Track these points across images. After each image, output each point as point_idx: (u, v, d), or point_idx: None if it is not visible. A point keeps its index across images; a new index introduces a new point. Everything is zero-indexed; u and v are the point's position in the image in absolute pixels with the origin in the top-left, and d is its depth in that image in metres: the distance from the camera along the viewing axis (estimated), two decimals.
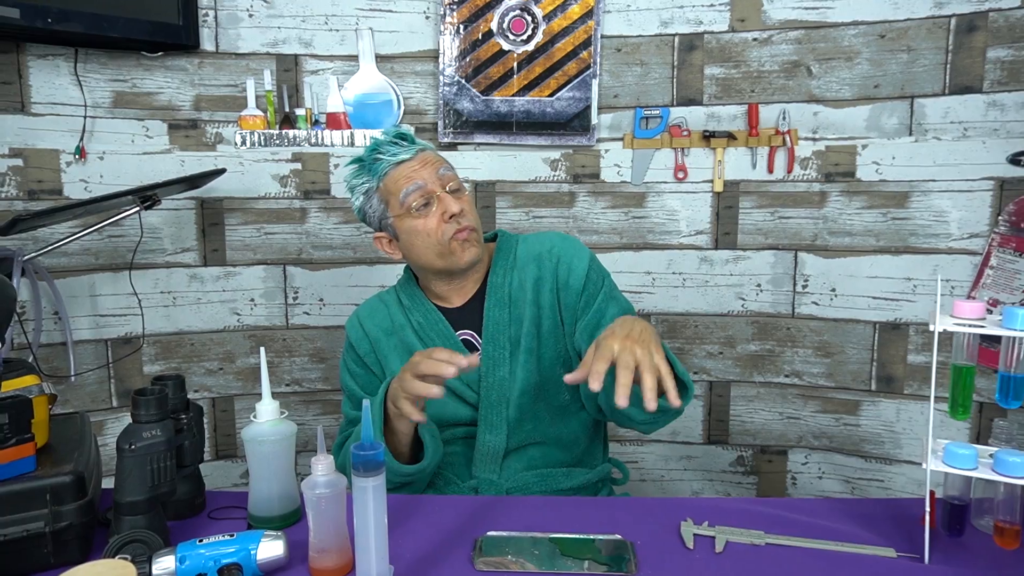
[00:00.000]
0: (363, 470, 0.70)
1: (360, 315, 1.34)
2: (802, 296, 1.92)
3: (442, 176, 1.22)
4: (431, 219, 1.20)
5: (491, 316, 1.24)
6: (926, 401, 1.83)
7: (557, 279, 1.26)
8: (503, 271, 1.27)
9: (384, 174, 1.23)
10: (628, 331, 0.97)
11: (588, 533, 0.91)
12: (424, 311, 1.28)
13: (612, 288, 1.29)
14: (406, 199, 1.20)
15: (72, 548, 0.83)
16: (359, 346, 1.30)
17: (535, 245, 1.30)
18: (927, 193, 1.79)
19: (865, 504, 0.98)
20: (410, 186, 1.20)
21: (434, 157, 1.24)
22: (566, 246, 1.29)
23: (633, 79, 1.93)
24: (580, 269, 1.25)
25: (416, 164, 1.22)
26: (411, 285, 1.33)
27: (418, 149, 1.23)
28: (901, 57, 1.78)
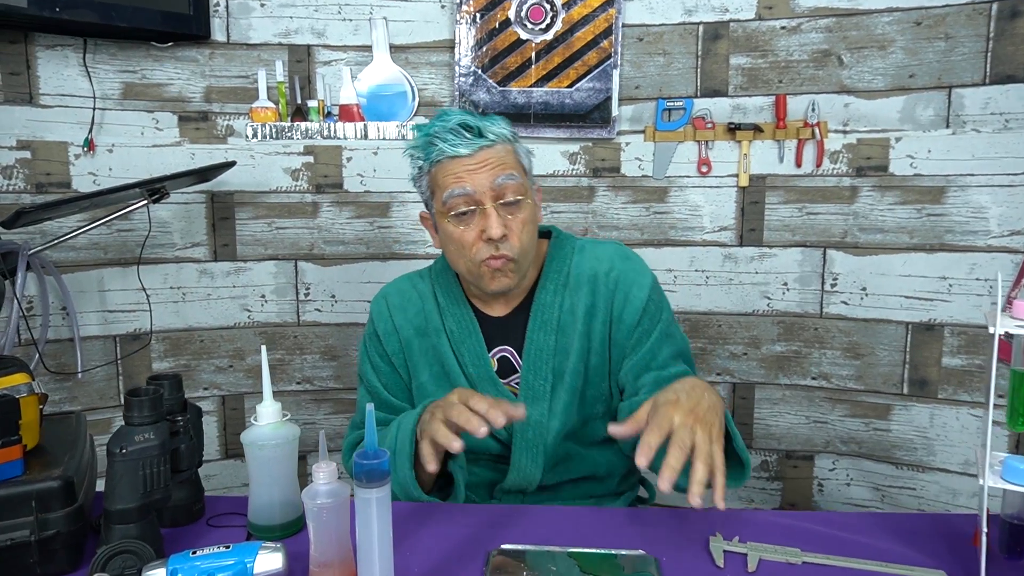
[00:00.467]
0: (366, 480, 0.65)
1: (390, 303, 1.20)
2: (831, 295, 1.84)
3: (498, 186, 1.04)
4: (468, 232, 1.06)
5: (534, 340, 1.11)
6: (962, 406, 1.75)
7: (612, 310, 1.12)
8: (553, 289, 1.13)
9: (436, 162, 1.07)
10: (694, 404, 0.85)
11: (610, 548, 0.85)
12: (459, 318, 1.15)
13: (669, 324, 1.15)
14: (448, 201, 1.05)
15: (60, 558, 0.78)
16: (387, 341, 1.18)
17: (592, 262, 1.15)
18: (965, 188, 1.70)
19: (910, 520, 0.91)
20: (456, 189, 1.04)
21: (498, 158, 1.05)
22: (626, 269, 1.14)
23: (655, 69, 1.86)
24: (638, 300, 1.11)
25: (472, 164, 1.05)
26: (449, 278, 1.18)
27: (482, 145, 1.05)
28: (938, 45, 1.69)
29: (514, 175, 1.06)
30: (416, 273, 1.25)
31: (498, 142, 1.07)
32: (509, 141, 1.09)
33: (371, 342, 1.21)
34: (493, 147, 1.06)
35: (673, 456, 0.79)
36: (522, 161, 1.11)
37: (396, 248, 1.93)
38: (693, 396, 0.88)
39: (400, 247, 1.93)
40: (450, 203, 1.06)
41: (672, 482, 0.77)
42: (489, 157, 1.06)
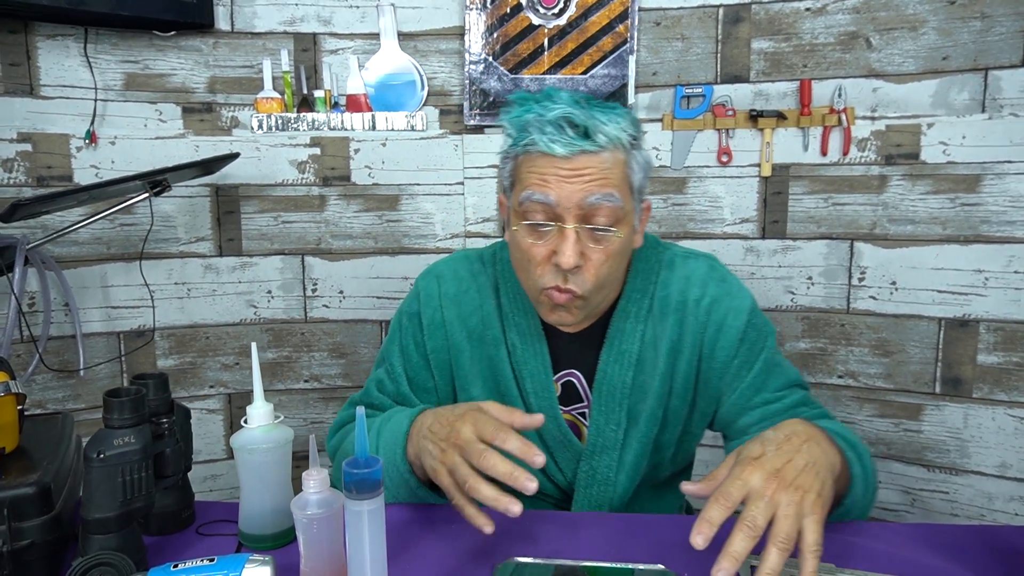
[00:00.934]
0: (357, 492, 0.59)
1: (443, 290, 1.02)
2: (858, 290, 1.76)
3: (589, 205, 0.86)
4: (538, 248, 0.89)
5: (608, 375, 0.96)
6: (998, 406, 1.66)
7: (703, 345, 0.96)
8: (635, 315, 0.97)
9: (524, 150, 0.89)
10: (783, 463, 0.67)
11: (627, 562, 0.78)
12: (524, 331, 0.98)
13: (773, 353, 0.98)
14: (525, 203, 0.88)
15: (36, 569, 0.73)
16: (430, 333, 1.01)
17: (681, 283, 0.98)
18: (1002, 176, 1.61)
19: (954, 532, 0.84)
20: (536, 194, 0.87)
21: (600, 170, 0.86)
22: (720, 294, 0.97)
23: (673, 55, 1.78)
24: (734, 330, 0.95)
25: (566, 169, 0.86)
26: (517, 281, 0.99)
27: (584, 149, 0.85)
28: (973, 25, 1.60)
29: (613, 196, 0.86)
30: (477, 255, 1.05)
31: (607, 148, 0.87)
32: (623, 148, 0.88)
33: (410, 323, 1.04)
34: (599, 154, 0.86)
35: (737, 540, 0.63)
36: (632, 177, 0.90)
37: (406, 242, 1.88)
38: (785, 451, 0.69)
39: (410, 241, 1.88)
40: (526, 207, 0.88)
41: (732, 574, 0.63)
42: (589, 166, 0.86)
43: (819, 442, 0.73)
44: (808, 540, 0.65)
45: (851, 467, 0.81)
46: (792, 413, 0.95)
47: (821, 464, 0.70)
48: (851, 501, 0.82)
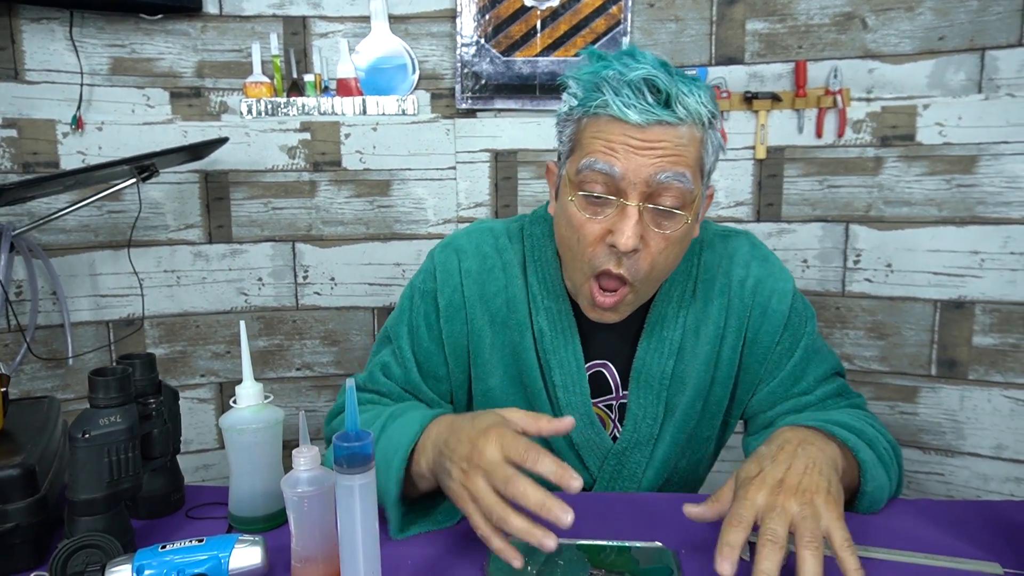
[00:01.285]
0: (347, 466, 0.57)
1: (464, 266, 0.93)
2: (853, 272, 1.75)
3: (657, 183, 0.77)
4: (593, 225, 0.81)
5: (648, 364, 0.90)
6: (994, 388, 1.66)
7: (747, 330, 0.91)
8: (677, 301, 0.91)
9: (592, 112, 0.80)
10: (782, 473, 0.67)
11: (623, 540, 0.77)
12: (554, 316, 0.90)
13: (814, 336, 0.94)
14: (584, 172, 0.80)
15: (21, 553, 0.71)
16: (446, 315, 0.92)
17: (724, 263, 0.92)
18: (998, 156, 1.60)
19: (955, 507, 0.83)
20: (600, 162, 0.78)
21: (675, 145, 0.77)
22: (764, 275, 0.92)
23: (667, 36, 1.76)
24: (778, 314, 0.90)
25: (638, 139, 0.77)
26: (550, 254, 0.92)
27: (662, 119, 0.77)
28: (970, 4, 1.59)
29: (685, 176, 0.78)
30: (503, 228, 0.96)
31: (685, 123, 0.78)
32: (701, 125, 0.80)
33: (423, 301, 0.95)
34: (676, 128, 0.78)
35: (765, 558, 0.62)
36: (705, 159, 0.82)
37: (397, 228, 1.86)
38: (781, 461, 0.69)
39: (401, 227, 1.86)
40: (585, 175, 0.80)
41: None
42: (663, 139, 0.77)
43: (812, 442, 0.73)
44: (837, 539, 0.64)
45: (857, 454, 0.79)
46: (822, 407, 0.92)
47: (821, 463, 0.70)
48: (874, 488, 0.80)
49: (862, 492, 0.80)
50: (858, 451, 0.79)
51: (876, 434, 0.86)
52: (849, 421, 0.85)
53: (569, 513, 0.63)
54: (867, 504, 0.81)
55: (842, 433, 0.80)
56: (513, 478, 0.65)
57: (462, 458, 0.69)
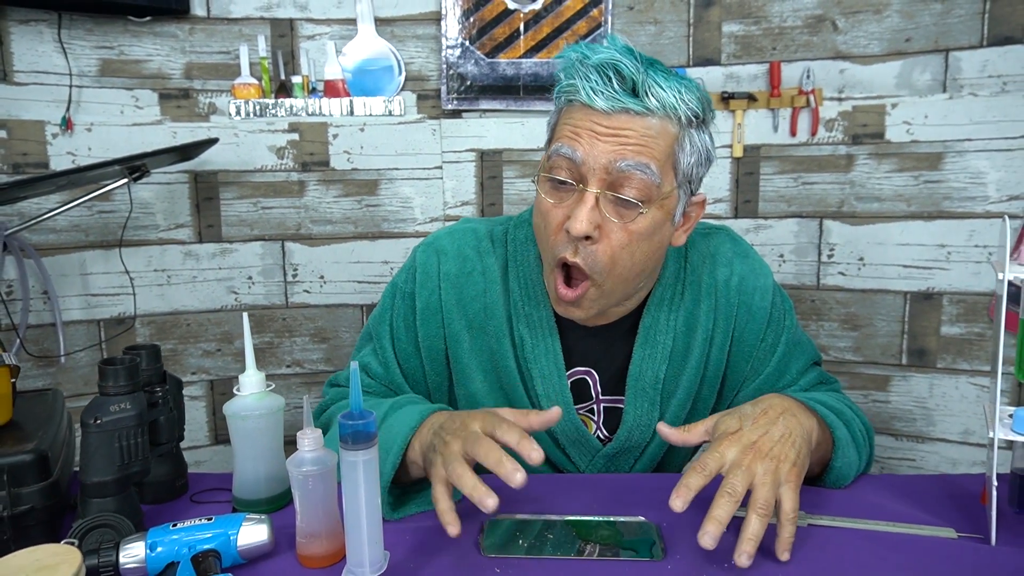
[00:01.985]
0: (352, 442, 0.62)
1: (443, 269, 0.91)
2: (828, 266, 1.82)
3: (617, 170, 0.77)
4: (556, 211, 0.80)
5: (644, 370, 0.90)
6: (961, 375, 1.73)
7: (734, 329, 0.92)
8: (668, 305, 0.90)
9: (566, 101, 0.82)
10: (758, 436, 0.70)
11: (608, 515, 0.82)
12: (534, 323, 0.89)
13: (794, 328, 0.96)
14: (552, 157, 0.81)
15: (35, 534, 0.74)
16: (423, 317, 0.92)
17: (708, 263, 0.93)
18: (962, 153, 1.67)
19: (916, 480, 0.89)
20: (564, 147, 0.79)
21: (640, 135, 0.76)
22: (746, 272, 0.93)
23: (646, 38, 1.82)
24: (761, 312, 0.92)
25: (603, 126, 0.77)
26: (531, 259, 0.91)
27: (627, 107, 0.76)
28: (934, 7, 1.66)
29: (649, 168, 0.77)
30: (486, 231, 0.95)
31: (656, 114, 0.77)
32: (677, 121, 0.78)
33: (402, 302, 0.95)
34: (645, 118, 0.77)
35: (719, 506, 0.66)
36: (679, 156, 0.80)
37: (385, 227, 1.89)
38: (761, 424, 0.71)
39: (389, 225, 1.89)
40: (553, 161, 0.80)
41: (716, 538, 0.65)
42: (629, 127, 0.76)
43: (795, 413, 0.76)
44: (785, 508, 0.69)
45: (834, 431, 0.83)
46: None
47: (797, 434, 0.74)
48: (842, 464, 0.83)
49: (831, 467, 0.85)
50: (835, 429, 0.83)
51: (853, 416, 0.90)
52: (830, 401, 0.90)
53: (520, 472, 0.67)
54: (834, 478, 0.86)
55: (822, 410, 0.84)
56: (479, 439, 0.70)
57: (449, 431, 0.75)
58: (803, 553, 0.74)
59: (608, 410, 0.97)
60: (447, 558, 0.74)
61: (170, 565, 0.68)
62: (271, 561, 0.73)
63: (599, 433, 0.97)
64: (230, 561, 0.70)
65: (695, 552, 0.74)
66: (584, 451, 0.96)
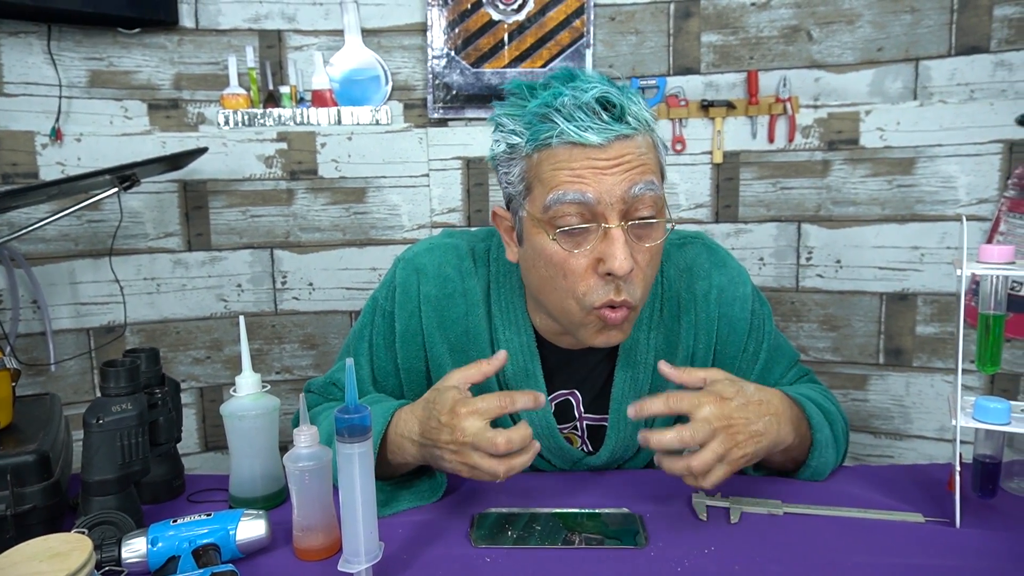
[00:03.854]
0: (347, 435, 0.64)
1: (423, 290, 0.90)
2: (806, 269, 1.86)
3: (633, 197, 0.76)
4: (578, 259, 0.77)
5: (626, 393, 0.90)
6: (936, 373, 1.78)
7: (716, 340, 0.91)
8: (647, 323, 0.90)
9: (544, 145, 0.77)
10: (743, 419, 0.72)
11: (594, 507, 0.85)
12: (516, 348, 0.89)
13: (775, 335, 0.96)
14: (555, 207, 0.76)
15: (37, 533, 0.76)
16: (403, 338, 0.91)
17: (685, 275, 0.92)
18: (933, 159, 1.73)
19: (887, 470, 0.93)
20: (570, 193, 0.75)
21: (637, 156, 0.76)
22: (724, 282, 0.91)
23: (628, 48, 1.87)
24: (742, 322, 0.91)
25: (603, 160, 0.75)
26: (512, 283, 0.90)
27: (620, 134, 0.75)
28: (904, 18, 1.72)
29: (654, 184, 0.77)
30: (468, 248, 0.93)
31: (640, 131, 0.77)
32: (649, 129, 0.79)
33: (381, 320, 0.94)
34: (634, 139, 0.76)
35: (665, 432, 0.70)
36: (662, 161, 0.82)
37: (373, 234, 1.92)
38: (750, 410, 0.73)
39: (377, 233, 1.92)
40: (556, 210, 0.76)
41: (645, 443, 0.72)
42: (626, 152, 0.75)
43: (780, 422, 0.78)
44: (710, 478, 0.73)
45: (816, 434, 0.85)
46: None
47: (769, 438, 0.77)
48: (818, 464, 0.86)
49: (807, 464, 0.88)
50: (818, 431, 0.85)
51: (837, 414, 0.92)
52: (819, 400, 0.91)
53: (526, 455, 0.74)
54: (809, 474, 0.89)
55: (811, 410, 0.86)
56: (496, 438, 0.73)
57: (448, 443, 0.75)
58: (779, 540, 0.77)
59: (592, 427, 0.97)
60: (439, 549, 0.77)
61: (171, 559, 0.71)
62: (269, 555, 0.76)
63: (584, 447, 0.99)
64: (229, 555, 0.73)
65: (676, 541, 0.78)
66: (566, 461, 0.97)
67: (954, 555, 0.73)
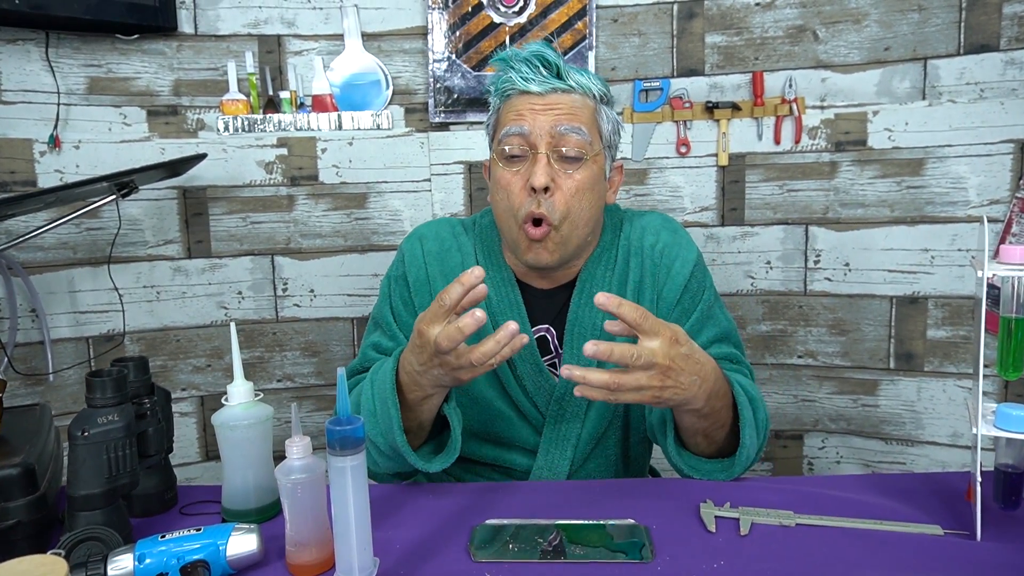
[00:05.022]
0: (340, 448, 0.62)
1: (426, 248, 1.09)
2: (814, 272, 1.83)
3: (559, 133, 0.95)
4: (514, 179, 0.97)
5: (579, 318, 1.03)
6: (948, 378, 1.74)
7: (656, 284, 1.05)
8: (604, 264, 1.06)
9: (506, 97, 1.00)
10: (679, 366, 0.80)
11: (598, 518, 0.82)
12: (500, 286, 1.05)
13: (712, 302, 1.07)
14: (503, 140, 0.97)
15: (21, 548, 0.74)
16: (416, 291, 1.07)
17: (639, 233, 1.08)
18: (943, 159, 1.70)
19: (903, 479, 0.89)
20: (512, 127, 0.96)
21: (569, 106, 0.96)
22: (671, 242, 1.07)
23: (631, 50, 1.84)
24: (680, 276, 1.04)
25: (539, 103, 0.96)
26: (493, 238, 1.09)
27: (556, 87, 0.96)
28: (912, 17, 1.69)
29: (581, 129, 0.96)
30: (459, 222, 1.14)
31: (577, 91, 0.98)
32: (593, 97, 1.00)
33: (397, 285, 1.10)
34: (570, 94, 0.98)
35: (603, 375, 0.78)
36: (601, 124, 1.01)
37: (375, 240, 1.90)
38: (689, 366, 0.82)
39: (379, 238, 1.90)
40: (504, 142, 0.98)
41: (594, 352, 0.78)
42: (560, 102, 0.97)
43: (703, 385, 0.85)
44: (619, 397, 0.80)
45: (742, 411, 0.90)
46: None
47: (687, 393, 0.83)
48: (748, 444, 0.90)
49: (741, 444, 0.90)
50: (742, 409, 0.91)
51: (761, 406, 0.96)
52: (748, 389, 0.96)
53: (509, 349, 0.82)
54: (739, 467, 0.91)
55: (738, 394, 0.92)
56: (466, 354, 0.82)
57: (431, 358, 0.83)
58: (791, 553, 0.74)
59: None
60: (437, 564, 0.74)
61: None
62: (261, 571, 0.73)
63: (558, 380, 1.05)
64: (220, 571, 0.70)
65: (684, 554, 0.75)
66: (544, 393, 1.03)
67: (975, 570, 0.70)
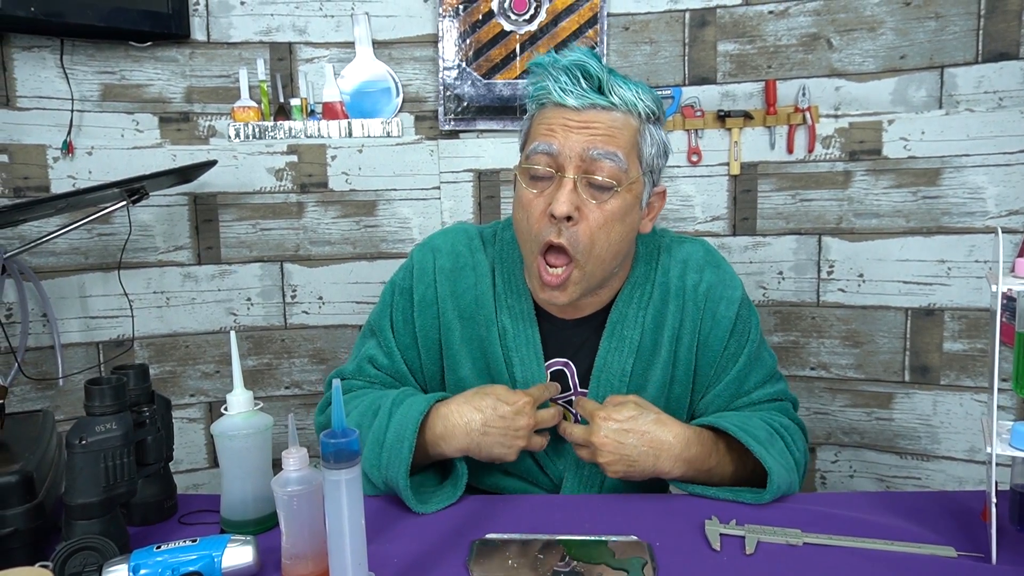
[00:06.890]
0: (334, 461, 0.61)
1: (438, 264, 0.99)
2: (827, 283, 1.80)
3: (590, 157, 0.85)
4: (536, 200, 0.88)
5: (609, 364, 0.95)
6: (965, 392, 1.71)
7: (700, 331, 0.96)
8: (637, 303, 0.96)
9: (540, 105, 0.90)
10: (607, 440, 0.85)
11: (600, 534, 0.80)
12: (517, 314, 0.96)
13: (759, 343, 1.00)
14: (531, 156, 0.88)
15: (19, 556, 0.74)
16: (420, 309, 0.99)
17: (680, 268, 0.98)
18: (960, 169, 1.67)
19: (915, 498, 0.87)
20: (541, 144, 0.87)
21: (607, 127, 0.85)
22: (716, 281, 0.97)
23: (642, 58, 1.83)
24: (726, 320, 0.96)
25: (574, 120, 0.86)
26: (514, 258, 0.99)
27: (595, 103, 0.85)
28: (929, 25, 1.67)
29: (617, 156, 0.85)
30: (477, 231, 1.04)
31: (619, 109, 0.87)
32: (637, 115, 0.88)
33: (400, 297, 1.02)
34: (610, 112, 0.86)
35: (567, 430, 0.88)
36: (642, 148, 0.89)
37: (384, 247, 1.90)
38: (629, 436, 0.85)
39: (388, 246, 1.90)
40: (531, 159, 0.88)
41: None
42: (598, 120, 0.86)
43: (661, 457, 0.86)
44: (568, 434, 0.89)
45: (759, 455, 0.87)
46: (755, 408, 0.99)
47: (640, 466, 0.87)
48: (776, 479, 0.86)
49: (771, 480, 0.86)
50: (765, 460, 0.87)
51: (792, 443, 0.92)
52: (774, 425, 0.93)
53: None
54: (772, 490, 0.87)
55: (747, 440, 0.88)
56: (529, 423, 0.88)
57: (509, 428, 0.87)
58: (797, 572, 0.72)
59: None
60: None
61: None
62: None
63: (577, 420, 1.00)
64: None
65: (687, 573, 0.73)
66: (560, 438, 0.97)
67: None
